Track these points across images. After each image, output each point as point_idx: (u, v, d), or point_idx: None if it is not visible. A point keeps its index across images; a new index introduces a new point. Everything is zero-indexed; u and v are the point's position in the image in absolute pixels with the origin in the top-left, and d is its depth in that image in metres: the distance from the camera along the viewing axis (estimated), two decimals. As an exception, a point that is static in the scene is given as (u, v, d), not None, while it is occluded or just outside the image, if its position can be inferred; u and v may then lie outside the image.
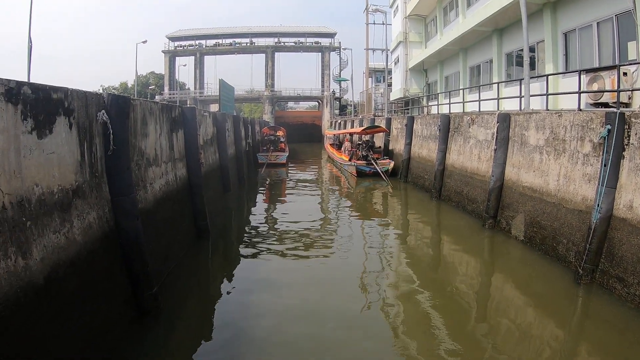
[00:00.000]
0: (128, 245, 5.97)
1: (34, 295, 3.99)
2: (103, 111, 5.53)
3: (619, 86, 9.10)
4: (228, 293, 7.86)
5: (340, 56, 64.82)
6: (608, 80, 10.12)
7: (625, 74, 10.39)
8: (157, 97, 66.11)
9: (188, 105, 12.64)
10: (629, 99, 10.66)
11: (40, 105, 4.29)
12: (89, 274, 5.05)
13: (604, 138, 7.63)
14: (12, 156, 3.85)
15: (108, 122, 5.60)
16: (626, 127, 7.33)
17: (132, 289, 6.08)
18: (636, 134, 7.11)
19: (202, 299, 7.64)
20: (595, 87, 10.52)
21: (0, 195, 3.68)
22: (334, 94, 63.83)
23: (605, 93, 10.31)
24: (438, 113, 20.46)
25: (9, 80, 3.84)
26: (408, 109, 32.01)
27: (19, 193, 3.94)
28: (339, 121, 47.56)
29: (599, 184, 7.66)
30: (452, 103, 19.90)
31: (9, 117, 3.81)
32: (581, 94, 10.15)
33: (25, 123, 4.06)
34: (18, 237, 3.88)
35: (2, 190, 3.70)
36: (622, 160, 7.38)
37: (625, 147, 7.33)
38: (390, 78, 41.79)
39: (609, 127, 7.51)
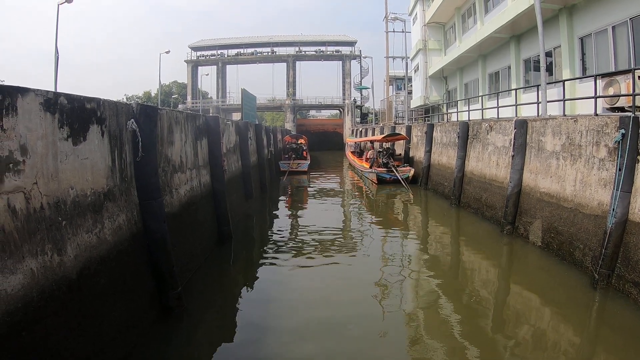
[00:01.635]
0: (155, 247, 6.29)
1: (67, 289, 4.31)
2: (132, 120, 5.89)
3: (634, 90, 9.12)
4: (249, 296, 8.08)
5: (360, 64, 65.16)
6: (624, 84, 10.12)
7: (640, 77, 10.39)
8: (180, 106, 67.35)
9: (211, 114, 13.01)
10: (646, 103, 10.64)
11: (75, 114, 4.65)
12: (118, 272, 5.38)
13: (618, 142, 7.67)
14: (50, 161, 4.20)
15: (137, 130, 5.96)
16: (641, 131, 7.38)
17: (158, 287, 6.39)
18: (650, 137, 7.16)
19: (225, 301, 7.86)
20: (611, 91, 10.52)
21: (39, 196, 4.02)
22: (355, 102, 64.12)
23: (621, 97, 10.31)
24: (457, 120, 20.53)
25: (47, 91, 4.19)
26: (428, 117, 32.05)
27: (55, 195, 4.28)
28: (360, 129, 47.78)
29: (614, 189, 7.68)
30: (471, 110, 19.95)
31: (47, 125, 4.17)
32: (597, 99, 10.19)
33: (62, 130, 4.41)
34: (54, 235, 4.21)
35: (41, 192, 4.05)
36: (637, 164, 7.38)
37: (639, 151, 7.38)
38: (411, 86, 41.88)
39: (622, 131, 7.55)
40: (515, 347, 6.06)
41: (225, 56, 68.80)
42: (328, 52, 67.89)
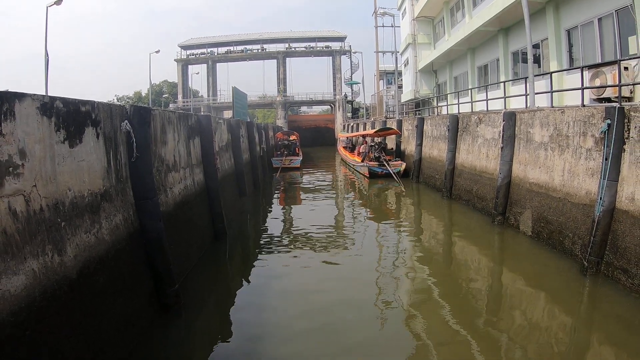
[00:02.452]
0: (151, 245, 6.39)
1: (68, 288, 4.39)
2: (126, 121, 5.97)
3: (620, 81, 9.28)
4: (245, 291, 8.19)
5: (351, 59, 65.17)
6: (610, 75, 10.31)
7: (626, 68, 10.55)
8: (171, 105, 67.12)
9: (202, 113, 13.07)
10: (631, 93, 10.84)
11: (70, 117, 4.73)
12: (117, 270, 5.47)
13: (605, 132, 7.82)
14: (48, 163, 4.28)
15: (131, 131, 6.04)
16: (626, 121, 7.49)
17: (156, 285, 6.49)
18: (635, 127, 7.28)
19: (221, 296, 7.98)
20: (597, 82, 10.70)
21: (38, 198, 4.11)
22: (346, 97, 64.14)
23: (607, 88, 10.50)
24: (447, 113, 20.70)
25: (43, 96, 4.27)
26: (419, 110, 32.22)
27: (54, 197, 4.36)
28: (352, 124, 47.91)
29: (601, 178, 7.84)
30: (461, 103, 20.13)
31: (44, 129, 4.24)
32: (584, 90, 10.35)
33: (59, 134, 4.49)
34: (54, 236, 4.30)
35: (40, 194, 4.13)
36: (623, 154, 7.55)
37: (625, 140, 7.50)
38: (401, 80, 42.01)
39: (608, 121, 7.70)
40: (509, 332, 6.21)
41: (215, 54, 68.57)
42: (318, 48, 67.83)
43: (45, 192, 4.21)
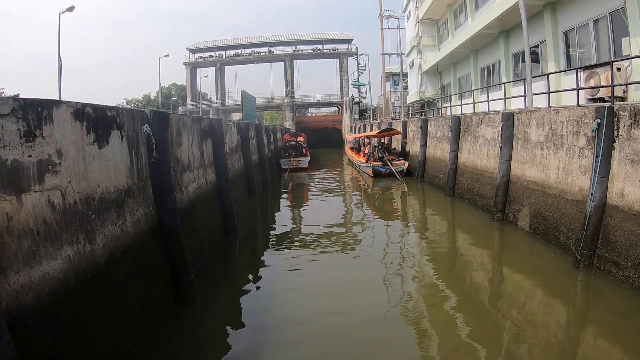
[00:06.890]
0: (169, 238, 6.95)
1: (98, 273, 4.94)
2: (146, 125, 6.52)
3: (612, 81, 9.64)
4: (254, 284, 8.63)
5: (357, 61, 65.48)
6: (603, 76, 10.67)
7: (619, 69, 10.93)
8: (180, 108, 67.70)
9: (210, 115, 13.57)
10: (624, 93, 11.20)
11: (99, 121, 5.28)
12: (139, 260, 6.02)
13: (595, 131, 8.18)
14: (80, 162, 4.82)
15: (151, 134, 6.60)
16: (615, 120, 7.85)
17: (173, 275, 7.03)
18: (624, 126, 7.63)
19: (232, 288, 8.46)
20: (591, 83, 11.06)
21: (73, 193, 4.65)
22: (353, 98, 64.32)
23: (601, 88, 10.85)
24: (451, 114, 21.06)
25: (76, 103, 4.82)
26: (424, 112, 32.57)
27: (86, 192, 4.91)
28: (359, 125, 48.24)
29: (592, 175, 8.19)
30: (464, 104, 20.49)
31: (77, 132, 4.79)
32: (579, 91, 10.72)
33: (89, 136, 5.04)
34: (86, 227, 4.84)
35: (74, 190, 4.67)
36: (612, 151, 7.90)
37: (615, 138, 7.86)
38: (406, 81, 42.32)
39: (598, 120, 8.07)
40: (508, 324, 6.55)
41: (224, 57, 69.01)
42: (325, 50, 68.17)
43: (78, 187, 4.75)
